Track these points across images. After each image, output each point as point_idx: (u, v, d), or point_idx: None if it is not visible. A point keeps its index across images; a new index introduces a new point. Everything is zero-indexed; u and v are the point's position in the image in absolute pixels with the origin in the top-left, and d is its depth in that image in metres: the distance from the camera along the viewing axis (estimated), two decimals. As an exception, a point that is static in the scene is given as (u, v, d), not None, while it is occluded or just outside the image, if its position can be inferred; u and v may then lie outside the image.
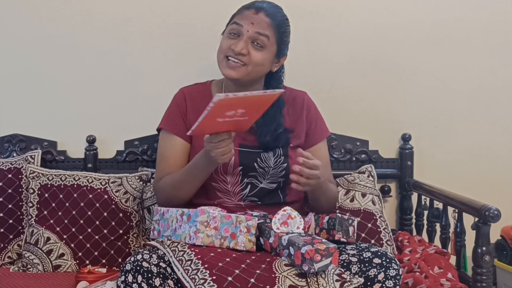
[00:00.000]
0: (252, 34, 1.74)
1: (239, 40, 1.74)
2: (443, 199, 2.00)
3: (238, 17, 1.78)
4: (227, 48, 1.75)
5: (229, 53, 1.75)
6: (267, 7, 1.78)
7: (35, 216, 2.02)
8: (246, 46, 1.74)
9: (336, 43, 2.28)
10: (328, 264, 1.40)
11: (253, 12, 1.76)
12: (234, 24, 1.76)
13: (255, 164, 1.78)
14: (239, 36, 1.75)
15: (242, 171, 1.78)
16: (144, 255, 1.48)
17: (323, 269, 1.40)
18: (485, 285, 1.71)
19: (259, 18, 1.75)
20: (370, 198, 2.09)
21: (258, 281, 1.42)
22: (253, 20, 1.75)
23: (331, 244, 1.42)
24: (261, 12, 1.75)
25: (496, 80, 2.32)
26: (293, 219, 1.53)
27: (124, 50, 2.26)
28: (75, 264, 1.97)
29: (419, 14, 2.29)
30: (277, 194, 1.82)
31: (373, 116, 2.31)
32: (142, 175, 2.09)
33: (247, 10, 1.77)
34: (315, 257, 1.38)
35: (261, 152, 1.79)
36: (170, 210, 1.67)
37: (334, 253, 1.41)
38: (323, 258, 1.39)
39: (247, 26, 1.74)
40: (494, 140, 2.33)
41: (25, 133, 2.26)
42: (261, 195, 1.79)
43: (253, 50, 1.74)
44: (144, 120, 2.21)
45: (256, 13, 1.75)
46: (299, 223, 1.53)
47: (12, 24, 2.26)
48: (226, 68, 1.76)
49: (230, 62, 1.75)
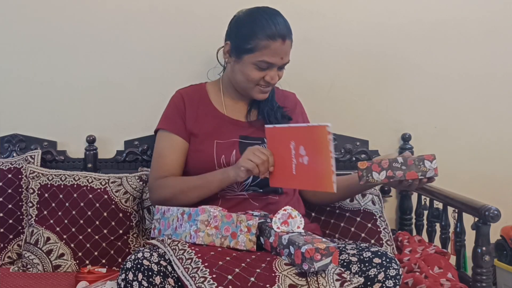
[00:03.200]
0: (281, 65, 1.76)
1: (270, 72, 1.75)
2: (443, 199, 2.00)
3: (265, 54, 1.72)
4: (259, 79, 1.77)
5: (261, 83, 1.78)
6: (286, 27, 1.75)
7: (35, 216, 2.02)
8: (277, 73, 1.77)
9: (336, 43, 2.28)
10: (328, 263, 1.40)
11: (280, 44, 1.72)
12: (264, 63, 1.73)
13: None
14: (269, 68, 1.75)
15: None
16: (145, 253, 1.48)
17: (323, 268, 1.40)
18: (485, 285, 1.72)
19: (286, 47, 1.74)
20: (370, 198, 2.09)
21: (258, 280, 1.42)
22: (282, 53, 1.74)
23: (331, 244, 1.42)
24: (287, 40, 1.73)
25: (496, 80, 2.32)
26: (293, 218, 1.53)
27: (124, 50, 2.26)
28: (75, 264, 1.97)
29: (419, 14, 2.29)
30: None
31: (373, 116, 2.31)
32: (142, 175, 2.09)
33: (273, 42, 1.72)
34: (315, 256, 1.38)
35: (261, 144, 1.81)
36: (171, 209, 1.68)
37: (334, 253, 1.40)
38: (323, 258, 1.39)
39: (278, 62, 1.74)
40: (494, 140, 2.33)
41: (25, 133, 2.26)
42: (262, 184, 1.80)
43: (280, 72, 1.79)
44: (144, 120, 2.21)
45: (283, 42, 1.73)
46: (299, 222, 1.53)
47: (12, 24, 2.25)
48: (259, 94, 1.81)
49: (263, 89, 1.79)
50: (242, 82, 1.80)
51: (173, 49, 2.26)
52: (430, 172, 1.58)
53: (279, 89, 1.96)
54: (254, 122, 1.87)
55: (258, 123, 1.86)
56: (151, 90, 2.26)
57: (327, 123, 1.50)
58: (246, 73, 1.76)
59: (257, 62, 1.73)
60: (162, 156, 1.85)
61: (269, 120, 1.84)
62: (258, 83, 1.77)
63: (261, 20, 1.73)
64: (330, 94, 2.29)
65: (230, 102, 1.89)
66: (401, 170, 1.56)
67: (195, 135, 1.84)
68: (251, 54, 1.73)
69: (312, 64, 2.28)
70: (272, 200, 1.80)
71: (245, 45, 1.74)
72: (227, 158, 1.79)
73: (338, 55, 2.29)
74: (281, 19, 1.75)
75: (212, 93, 1.91)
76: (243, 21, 1.78)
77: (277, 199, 1.81)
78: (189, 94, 1.90)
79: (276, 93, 1.91)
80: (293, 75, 2.05)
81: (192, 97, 1.89)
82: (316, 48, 2.28)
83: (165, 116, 1.91)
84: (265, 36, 1.71)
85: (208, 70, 1.94)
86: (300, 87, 1.99)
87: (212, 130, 1.83)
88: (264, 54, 1.72)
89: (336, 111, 2.28)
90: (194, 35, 2.24)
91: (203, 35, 2.22)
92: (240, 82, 1.81)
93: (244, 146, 1.77)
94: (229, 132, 1.83)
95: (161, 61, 2.26)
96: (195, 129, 1.85)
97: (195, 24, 2.25)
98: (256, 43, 1.72)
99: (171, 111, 1.89)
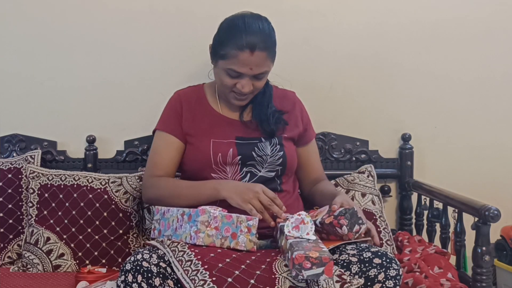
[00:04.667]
0: (253, 75, 1.74)
1: (242, 80, 1.74)
2: (443, 199, 2.00)
3: (234, 63, 1.71)
4: (232, 85, 1.76)
5: (235, 90, 1.77)
6: (259, 38, 1.70)
7: (35, 216, 2.02)
8: (250, 83, 1.75)
9: (336, 43, 2.28)
10: (320, 273, 1.36)
11: (248, 55, 1.69)
12: (233, 71, 1.73)
13: (253, 153, 1.81)
14: (240, 76, 1.74)
15: (241, 160, 1.80)
16: (144, 254, 1.48)
17: (313, 278, 1.37)
18: (485, 285, 1.72)
19: (256, 58, 1.70)
20: (370, 198, 2.09)
21: (258, 282, 1.42)
22: (251, 64, 1.71)
23: (325, 254, 1.38)
24: (256, 51, 1.69)
25: (496, 80, 2.32)
26: (305, 224, 1.52)
27: (124, 50, 2.26)
28: (75, 264, 1.97)
29: (419, 14, 2.29)
30: (275, 181, 1.84)
31: (373, 116, 2.31)
32: (142, 175, 2.08)
33: (241, 53, 1.69)
34: (304, 264, 1.35)
35: (258, 143, 1.82)
36: (171, 209, 1.67)
37: (327, 264, 1.36)
38: (313, 267, 1.36)
39: (247, 72, 1.73)
40: (494, 140, 2.33)
41: (25, 133, 2.26)
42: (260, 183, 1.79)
43: (256, 81, 1.76)
44: (144, 120, 2.21)
45: (252, 53, 1.69)
46: (309, 229, 1.51)
47: (12, 24, 2.26)
48: (235, 100, 1.81)
49: (237, 96, 1.79)
50: (219, 86, 1.83)
51: (173, 49, 2.26)
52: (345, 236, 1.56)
53: (278, 88, 1.96)
54: (249, 122, 1.87)
55: (254, 123, 1.86)
56: (151, 90, 2.26)
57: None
58: (220, 78, 1.78)
59: (227, 69, 1.74)
60: (157, 154, 1.86)
61: (261, 125, 1.84)
62: (231, 89, 1.78)
63: (235, 29, 1.73)
64: (330, 94, 2.29)
65: (225, 101, 1.89)
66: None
67: (192, 135, 1.85)
68: (223, 60, 1.74)
69: (312, 64, 2.28)
70: None
71: (219, 51, 1.75)
72: (223, 157, 1.79)
73: (338, 55, 2.28)
74: (256, 29, 1.72)
75: (209, 93, 1.92)
76: (222, 27, 1.79)
77: None
78: (187, 95, 1.92)
79: (275, 93, 1.91)
80: (293, 75, 2.06)
81: (189, 98, 1.91)
82: (316, 48, 2.28)
83: (162, 117, 1.92)
84: (234, 45, 1.70)
85: (209, 70, 1.94)
86: (300, 87, 1.99)
87: (209, 129, 1.84)
88: (233, 63, 1.72)
89: (336, 111, 2.28)
90: (194, 35, 2.24)
91: (203, 35, 2.19)
92: (218, 86, 1.84)
93: (241, 146, 1.79)
94: (225, 131, 1.84)
95: (161, 61, 2.26)
96: (191, 129, 1.85)
97: (195, 24, 2.25)
98: (226, 51, 1.72)
99: (168, 112, 1.91)
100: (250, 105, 1.88)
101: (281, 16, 2.00)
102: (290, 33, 2.20)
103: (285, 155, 1.83)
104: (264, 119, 1.84)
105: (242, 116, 1.87)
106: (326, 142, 2.25)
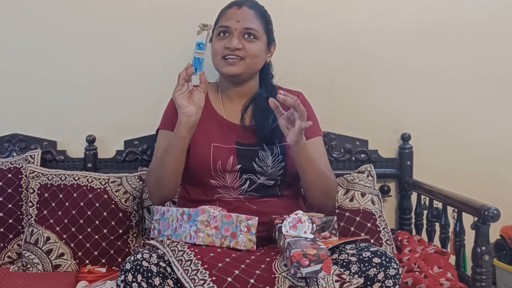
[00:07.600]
0: (241, 30, 1.78)
1: (231, 37, 1.77)
2: (443, 198, 2.00)
3: (223, 19, 1.82)
4: (222, 48, 1.78)
5: (225, 52, 1.78)
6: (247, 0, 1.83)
7: (35, 215, 2.02)
8: (240, 40, 1.77)
9: (336, 42, 2.28)
10: (318, 270, 1.36)
11: (235, 9, 1.81)
12: (221, 27, 1.80)
13: (253, 163, 1.78)
14: (229, 34, 1.78)
15: (241, 169, 1.77)
16: (144, 254, 1.48)
17: (312, 275, 1.37)
18: (484, 284, 1.72)
19: (243, 12, 1.80)
20: (369, 197, 2.09)
21: (258, 282, 1.42)
22: (237, 17, 1.79)
23: (323, 251, 1.38)
24: (243, 7, 1.81)
25: (496, 80, 2.32)
26: (302, 223, 1.52)
27: (124, 50, 2.27)
28: (75, 264, 1.97)
29: (419, 14, 2.29)
30: (274, 188, 1.81)
31: (373, 116, 2.31)
32: (142, 175, 2.09)
33: (229, 9, 1.82)
34: (302, 261, 1.36)
35: (258, 150, 1.79)
36: (171, 209, 1.67)
37: (325, 260, 1.37)
38: (311, 264, 1.36)
39: (234, 25, 1.78)
40: (494, 140, 2.33)
41: (25, 133, 2.26)
42: (259, 189, 1.79)
43: (247, 43, 1.78)
44: (144, 120, 2.21)
45: (239, 8, 1.80)
46: (307, 227, 1.52)
47: (12, 24, 2.26)
48: (226, 66, 1.79)
49: (229, 60, 1.78)
50: (213, 60, 1.84)
51: (173, 49, 2.25)
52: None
53: (283, 88, 1.92)
54: (250, 127, 1.83)
55: (253, 128, 1.82)
56: (151, 90, 2.26)
57: None
58: (213, 48, 1.82)
59: (217, 31, 1.81)
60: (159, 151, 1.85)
61: (258, 131, 1.80)
62: (223, 54, 1.79)
63: (228, 2, 1.87)
64: (330, 94, 2.29)
65: (227, 101, 1.88)
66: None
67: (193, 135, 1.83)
68: (215, 29, 1.83)
69: (312, 64, 2.28)
70: (270, 203, 1.79)
71: (214, 27, 1.83)
72: (223, 164, 1.76)
73: (338, 54, 2.29)
74: None
75: (211, 93, 1.90)
76: None
77: (275, 200, 1.80)
78: None
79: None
80: (293, 74, 2.05)
81: None
82: (316, 48, 2.28)
83: (165, 116, 1.91)
84: (223, 9, 1.84)
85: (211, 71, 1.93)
86: (300, 87, 1.98)
87: (209, 133, 1.81)
88: (221, 21, 1.82)
89: (336, 111, 2.28)
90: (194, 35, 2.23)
91: (204, 34, 2.21)
92: (214, 63, 1.85)
93: (241, 154, 1.77)
94: (226, 136, 1.81)
95: (161, 61, 2.26)
96: None
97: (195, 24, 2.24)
98: (217, 19, 1.84)
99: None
100: (251, 106, 1.87)
101: (281, 16, 2.00)
102: (290, 33, 2.20)
103: (286, 166, 1.78)
104: (261, 124, 1.80)
105: (243, 120, 1.84)
106: (326, 142, 2.25)
